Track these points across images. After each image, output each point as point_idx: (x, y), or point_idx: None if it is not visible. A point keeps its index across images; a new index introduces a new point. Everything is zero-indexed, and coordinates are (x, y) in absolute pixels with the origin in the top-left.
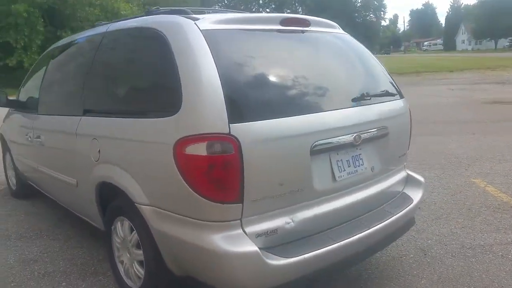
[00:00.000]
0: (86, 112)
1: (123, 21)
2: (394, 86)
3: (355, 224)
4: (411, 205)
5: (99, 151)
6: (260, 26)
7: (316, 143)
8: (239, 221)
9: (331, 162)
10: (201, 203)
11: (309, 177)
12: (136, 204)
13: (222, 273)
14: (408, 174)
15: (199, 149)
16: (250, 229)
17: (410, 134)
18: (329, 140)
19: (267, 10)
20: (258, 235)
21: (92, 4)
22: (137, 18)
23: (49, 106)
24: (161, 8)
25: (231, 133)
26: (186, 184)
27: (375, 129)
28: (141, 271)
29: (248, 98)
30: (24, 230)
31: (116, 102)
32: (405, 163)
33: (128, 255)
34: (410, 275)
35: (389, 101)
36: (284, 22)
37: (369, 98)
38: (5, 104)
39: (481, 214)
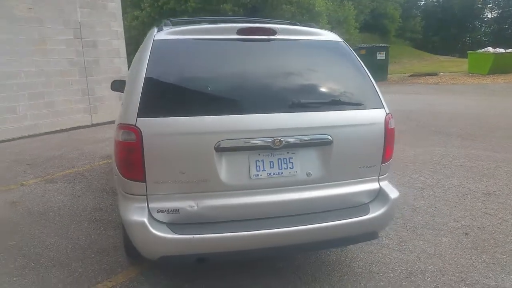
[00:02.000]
0: None
1: None
2: (366, 97)
3: (270, 222)
4: (362, 218)
5: None
6: (216, 36)
7: (220, 142)
8: (145, 196)
9: (249, 161)
10: (122, 179)
11: (214, 171)
12: None
13: (130, 236)
14: (380, 188)
15: (119, 135)
16: (153, 204)
17: (386, 146)
18: (236, 141)
19: None
20: (159, 210)
21: (290, 2)
22: None
23: None
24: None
25: (136, 125)
26: (116, 162)
27: (307, 136)
28: None
29: (159, 98)
30: None
31: None
32: (381, 176)
33: None
34: None
35: (342, 110)
36: (241, 31)
37: (306, 105)
38: None
39: None
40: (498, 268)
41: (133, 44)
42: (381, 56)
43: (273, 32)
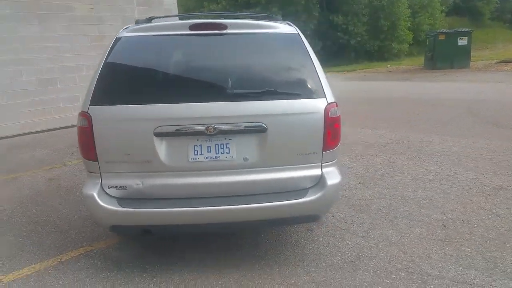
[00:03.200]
0: None
1: None
2: (307, 87)
3: (206, 201)
4: (296, 201)
5: None
6: (170, 32)
7: (158, 127)
8: (99, 174)
9: (188, 146)
10: (83, 159)
11: (155, 153)
12: None
13: (86, 207)
14: (322, 174)
15: (77, 121)
16: (105, 181)
17: (327, 134)
18: (171, 127)
19: None
20: (110, 186)
21: None
22: None
23: None
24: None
25: (88, 112)
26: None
27: (241, 124)
28: None
29: (109, 89)
30: None
31: None
32: (324, 163)
33: None
34: None
35: (278, 99)
36: (193, 27)
37: (243, 95)
38: None
39: None
40: (453, 260)
41: None
42: (462, 41)
43: (223, 27)
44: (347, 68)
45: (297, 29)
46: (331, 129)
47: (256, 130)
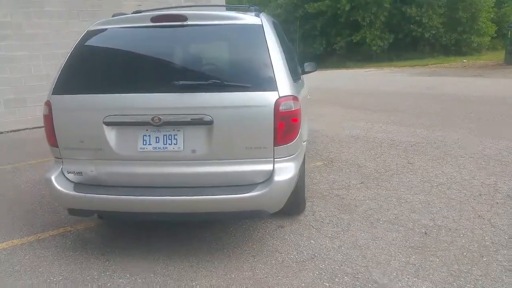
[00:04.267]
0: None
1: None
2: (258, 80)
3: (154, 191)
4: (241, 196)
5: None
6: (133, 24)
7: (107, 117)
8: (60, 159)
9: (137, 135)
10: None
11: (106, 142)
12: None
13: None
14: (273, 170)
15: (43, 109)
16: (65, 166)
17: (277, 128)
18: (116, 117)
19: None
20: (68, 172)
21: None
22: None
23: None
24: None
25: (50, 100)
26: None
27: (187, 115)
28: None
29: (69, 79)
30: None
31: None
32: (278, 158)
33: None
34: None
35: (225, 91)
36: (154, 19)
37: (190, 86)
38: None
39: None
40: (412, 270)
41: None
42: None
43: (183, 18)
44: (419, 63)
45: (266, 20)
46: (285, 124)
47: (201, 122)
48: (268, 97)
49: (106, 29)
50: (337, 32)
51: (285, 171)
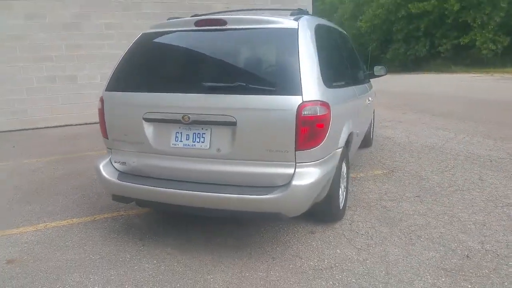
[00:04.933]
0: None
1: None
2: (284, 84)
3: (183, 184)
4: (259, 197)
5: None
6: (180, 28)
7: (146, 113)
8: (110, 150)
9: (171, 132)
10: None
11: (144, 136)
12: None
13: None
14: (294, 173)
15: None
16: (113, 156)
17: (299, 133)
18: (153, 114)
19: None
20: (115, 161)
21: None
22: None
23: None
24: None
25: (102, 96)
26: None
27: (213, 115)
28: None
29: (119, 78)
30: None
31: None
32: (299, 162)
33: None
34: None
35: (250, 94)
36: (198, 23)
37: (217, 88)
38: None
39: None
40: None
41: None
42: None
43: (223, 22)
44: None
45: (306, 24)
46: (308, 128)
47: (225, 123)
48: (291, 101)
49: (156, 32)
50: (443, 33)
51: (307, 176)
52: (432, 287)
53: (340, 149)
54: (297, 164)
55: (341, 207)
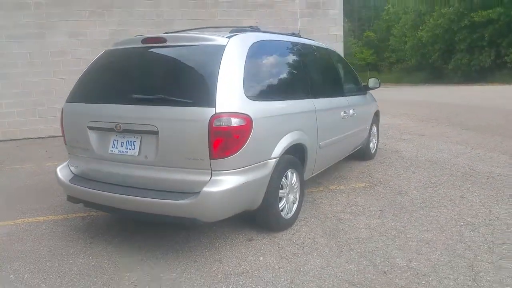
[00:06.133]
0: None
1: None
2: (201, 96)
3: (117, 188)
4: (172, 202)
5: None
6: (129, 46)
7: (89, 122)
8: (69, 154)
9: (109, 139)
10: None
11: (89, 143)
12: None
13: None
14: (209, 181)
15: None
16: (70, 161)
17: (212, 143)
18: (94, 123)
19: None
20: (71, 165)
21: None
22: None
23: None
24: None
25: (63, 107)
26: None
27: (139, 125)
28: None
29: (75, 90)
30: None
31: None
32: (216, 171)
33: None
34: None
35: (170, 105)
36: (144, 41)
37: (142, 99)
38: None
39: None
40: None
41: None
42: None
43: (163, 40)
44: None
45: (238, 42)
46: (221, 138)
47: (149, 132)
48: (204, 113)
49: (113, 49)
50: (510, 42)
51: (222, 183)
52: None
53: (275, 160)
54: (213, 172)
55: (285, 217)
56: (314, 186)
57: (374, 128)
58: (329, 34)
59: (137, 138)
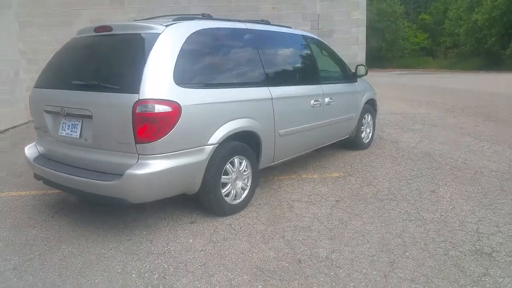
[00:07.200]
0: None
1: None
2: (129, 83)
3: (64, 167)
4: (100, 182)
5: None
6: (84, 34)
7: (45, 106)
8: (37, 135)
9: (60, 122)
10: None
11: (46, 126)
12: None
13: None
14: (136, 164)
15: None
16: (37, 141)
17: (136, 128)
18: (49, 107)
19: None
20: (37, 145)
21: None
22: None
23: None
24: None
25: (31, 93)
26: None
27: (77, 109)
28: None
29: (40, 76)
30: None
31: None
32: (143, 154)
33: None
34: None
35: (101, 91)
36: (96, 29)
37: (80, 85)
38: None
39: None
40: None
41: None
42: None
43: (110, 29)
44: None
45: (175, 30)
46: (145, 124)
47: (85, 116)
48: (128, 99)
49: (76, 37)
50: None
51: (147, 166)
52: (228, 282)
53: (212, 146)
54: (140, 155)
55: (230, 202)
56: (287, 173)
57: (369, 117)
58: (351, 18)
59: (79, 121)
